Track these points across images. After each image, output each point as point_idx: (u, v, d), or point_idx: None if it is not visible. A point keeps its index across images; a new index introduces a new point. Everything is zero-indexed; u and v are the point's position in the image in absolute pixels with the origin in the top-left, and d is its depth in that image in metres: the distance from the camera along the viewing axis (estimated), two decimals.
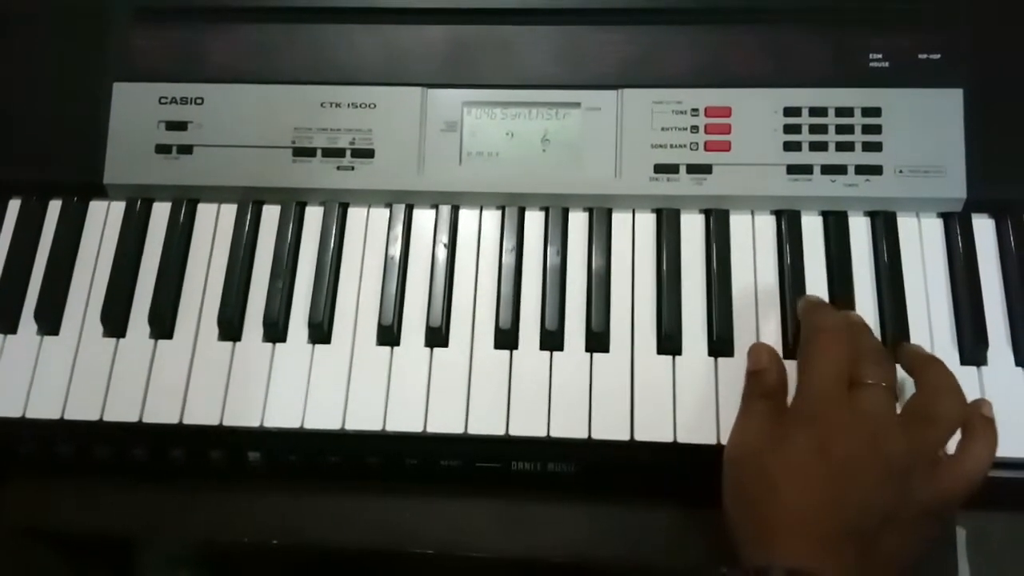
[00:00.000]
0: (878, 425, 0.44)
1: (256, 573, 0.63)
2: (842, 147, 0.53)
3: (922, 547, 0.44)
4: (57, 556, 0.61)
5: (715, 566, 0.50)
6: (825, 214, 0.54)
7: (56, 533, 0.55)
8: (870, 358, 0.46)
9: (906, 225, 0.54)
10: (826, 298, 0.52)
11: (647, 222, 0.55)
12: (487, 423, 0.50)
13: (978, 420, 0.46)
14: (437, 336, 0.52)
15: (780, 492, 0.43)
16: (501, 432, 0.50)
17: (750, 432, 0.46)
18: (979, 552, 0.50)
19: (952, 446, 0.46)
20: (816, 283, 0.53)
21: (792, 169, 0.53)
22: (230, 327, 0.53)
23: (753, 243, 0.54)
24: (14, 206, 0.57)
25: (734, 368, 0.50)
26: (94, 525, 0.53)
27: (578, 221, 0.55)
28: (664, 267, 0.53)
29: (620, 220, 0.55)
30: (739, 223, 0.54)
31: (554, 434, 0.50)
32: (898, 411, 0.45)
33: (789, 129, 0.54)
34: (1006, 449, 0.48)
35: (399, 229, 0.55)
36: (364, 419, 0.50)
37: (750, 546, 0.43)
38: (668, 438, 0.49)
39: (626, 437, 0.49)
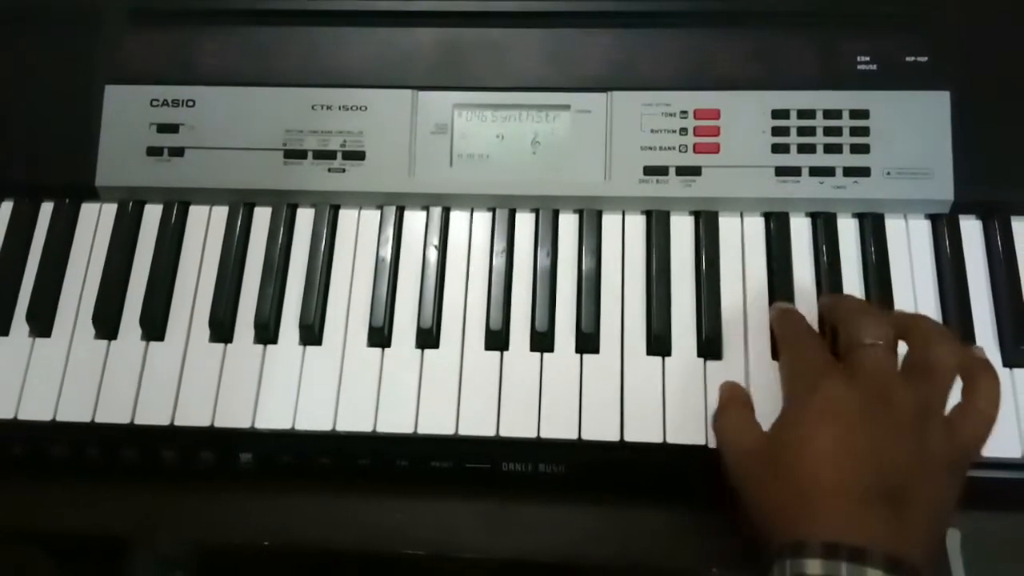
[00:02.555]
0: (882, 382, 0.44)
1: (247, 574, 0.63)
2: (830, 149, 0.54)
3: (952, 500, 0.43)
4: (48, 558, 0.62)
5: (706, 566, 0.50)
6: (814, 216, 0.55)
7: (47, 535, 0.55)
8: (861, 318, 0.46)
9: (894, 227, 0.54)
10: (815, 299, 0.53)
11: (637, 224, 0.55)
12: (477, 424, 0.50)
13: (976, 363, 0.45)
14: (428, 337, 0.52)
15: (801, 469, 0.42)
16: (491, 433, 0.50)
17: (748, 436, 0.46)
18: (973, 554, 0.50)
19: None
20: (804, 284, 0.53)
21: (781, 171, 0.54)
22: (221, 329, 0.53)
23: (742, 245, 0.54)
24: (6, 208, 0.58)
25: (723, 369, 0.51)
26: (85, 526, 0.53)
27: (568, 223, 0.55)
28: (654, 269, 0.53)
29: (610, 222, 0.55)
30: (728, 225, 0.55)
31: (544, 435, 0.50)
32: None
33: (777, 131, 0.54)
34: (997, 450, 0.48)
35: (390, 231, 0.55)
36: (355, 420, 0.51)
37: (781, 533, 0.41)
38: (658, 439, 0.49)
39: (616, 438, 0.50)
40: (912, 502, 0.41)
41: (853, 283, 0.53)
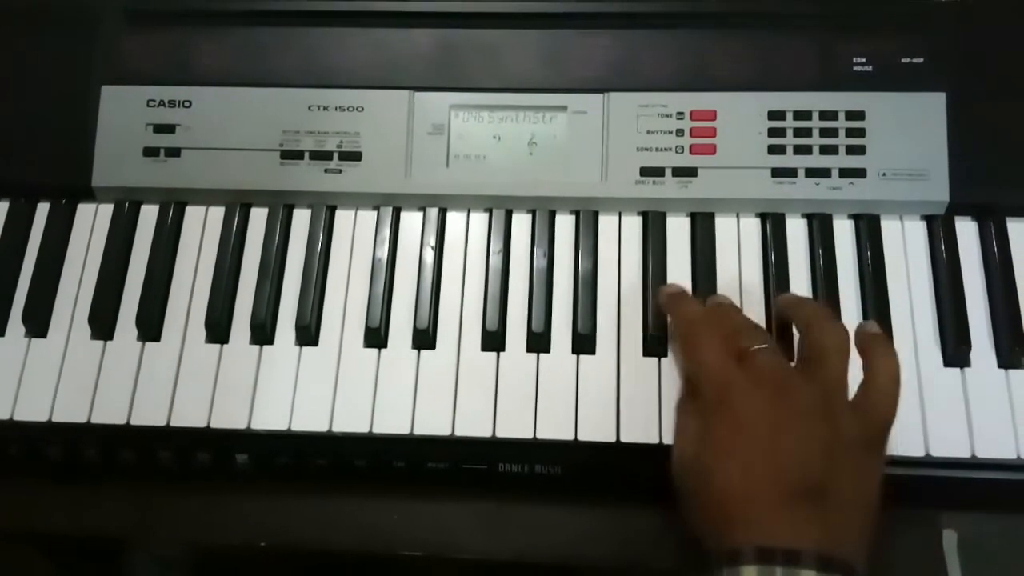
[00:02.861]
0: (778, 378, 0.44)
1: (244, 575, 0.63)
2: (826, 150, 0.54)
3: (876, 480, 0.43)
4: (45, 559, 0.61)
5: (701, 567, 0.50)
6: (809, 217, 0.55)
7: (44, 535, 0.55)
8: (745, 330, 0.47)
9: (890, 228, 0.54)
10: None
11: (633, 225, 0.55)
12: (474, 425, 0.50)
13: (867, 339, 0.46)
14: (424, 338, 0.52)
15: (720, 479, 0.42)
16: (488, 434, 0.50)
17: (691, 426, 0.47)
18: (970, 555, 0.50)
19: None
20: (800, 285, 0.53)
21: (777, 172, 0.54)
22: (218, 329, 0.53)
23: (738, 246, 0.54)
24: (2, 208, 0.58)
25: None
26: (82, 527, 0.53)
27: (565, 224, 0.55)
28: (650, 269, 0.54)
29: (606, 223, 0.55)
30: (724, 226, 0.55)
31: (540, 436, 0.50)
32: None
33: (774, 132, 0.54)
34: (992, 451, 0.49)
35: (386, 232, 0.55)
36: (351, 421, 0.51)
37: (715, 539, 0.42)
38: (654, 439, 0.50)
39: (612, 439, 0.50)
40: (834, 493, 0.41)
41: (849, 284, 0.53)
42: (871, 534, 0.42)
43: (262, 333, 0.53)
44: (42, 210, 0.57)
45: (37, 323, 0.54)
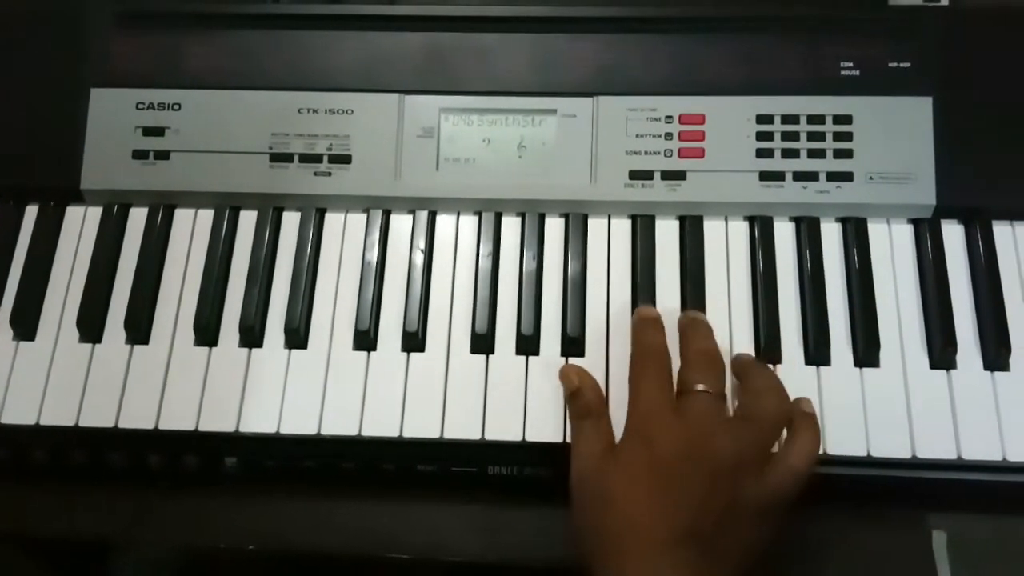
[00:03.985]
0: (703, 429, 0.45)
1: None
2: (814, 154, 0.54)
3: (760, 544, 0.45)
4: (33, 563, 0.61)
5: None
6: (797, 220, 0.55)
7: (32, 539, 0.55)
8: (699, 364, 0.48)
9: (877, 231, 0.55)
10: (799, 304, 0.53)
11: (622, 228, 0.55)
12: (463, 427, 0.50)
13: (799, 416, 0.47)
14: (414, 341, 0.52)
15: (617, 504, 0.44)
16: (477, 436, 0.50)
17: (583, 453, 0.47)
18: (958, 556, 0.50)
19: None
20: (788, 288, 0.53)
21: (765, 176, 0.54)
22: (206, 332, 0.53)
23: (726, 249, 0.55)
24: None
25: None
26: (70, 531, 0.53)
27: (554, 227, 0.55)
28: (639, 272, 0.54)
29: (595, 226, 0.55)
30: (713, 229, 0.55)
31: (530, 438, 0.50)
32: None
33: (762, 136, 0.55)
34: (978, 452, 0.49)
35: (376, 235, 0.55)
36: (340, 424, 0.51)
37: (598, 563, 0.44)
38: None
39: None
40: (720, 546, 0.43)
41: (836, 287, 0.53)
42: None
43: (251, 336, 0.53)
44: (31, 213, 0.57)
45: (25, 326, 0.54)
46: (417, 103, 0.56)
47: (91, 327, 0.53)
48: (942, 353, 0.51)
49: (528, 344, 0.52)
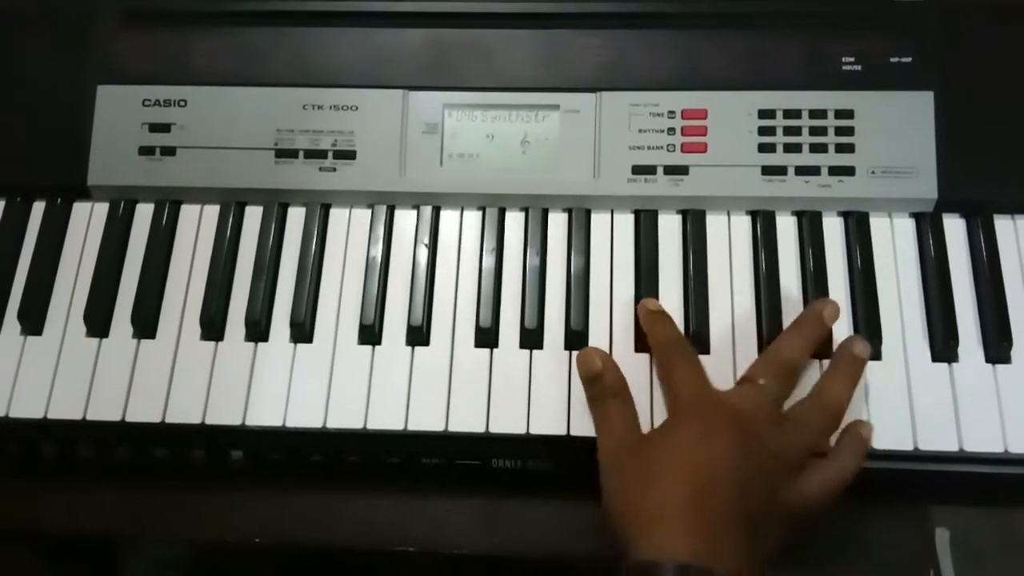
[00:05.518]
0: (756, 415, 0.46)
1: (239, 572, 0.63)
2: (816, 149, 0.54)
3: (782, 543, 0.45)
4: (40, 556, 0.62)
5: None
6: (799, 214, 0.55)
7: (38, 533, 0.55)
8: (774, 365, 0.49)
9: (879, 225, 0.55)
10: (801, 297, 0.53)
11: (625, 223, 0.56)
12: (467, 421, 0.51)
13: (855, 436, 0.48)
14: (418, 335, 0.53)
15: (663, 483, 0.44)
16: (481, 430, 0.50)
17: (617, 430, 0.48)
18: (961, 551, 0.50)
19: None
20: (790, 282, 0.54)
21: (767, 170, 0.54)
22: (212, 327, 0.53)
23: (729, 243, 0.55)
24: None
25: (710, 364, 0.51)
26: (76, 525, 0.53)
27: (557, 222, 0.56)
28: (642, 267, 0.54)
29: (599, 221, 0.56)
30: (715, 223, 0.55)
31: (534, 431, 0.50)
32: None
33: (764, 131, 0.55)
34: (980, 445, 0.49)
35: (381, 230, 0.55)
36: (345, 417, 0.51)
37: (636, 541, 0.43)
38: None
39: None
40: (762, 534, 0.43)
41: (838, 281, 0.53)
42: None
43: (257, 330, 0.53)
44: (38, 209, 0.58)
45: (33, 321, 0.54)
46: (421, 99, 0.56)
47: (98, 322, 0.54)
48: (944, 346, 0.51)
49: (532, 338, 0.52)
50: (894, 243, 0.54)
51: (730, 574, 0.40)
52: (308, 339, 0.53)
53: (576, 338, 0.52)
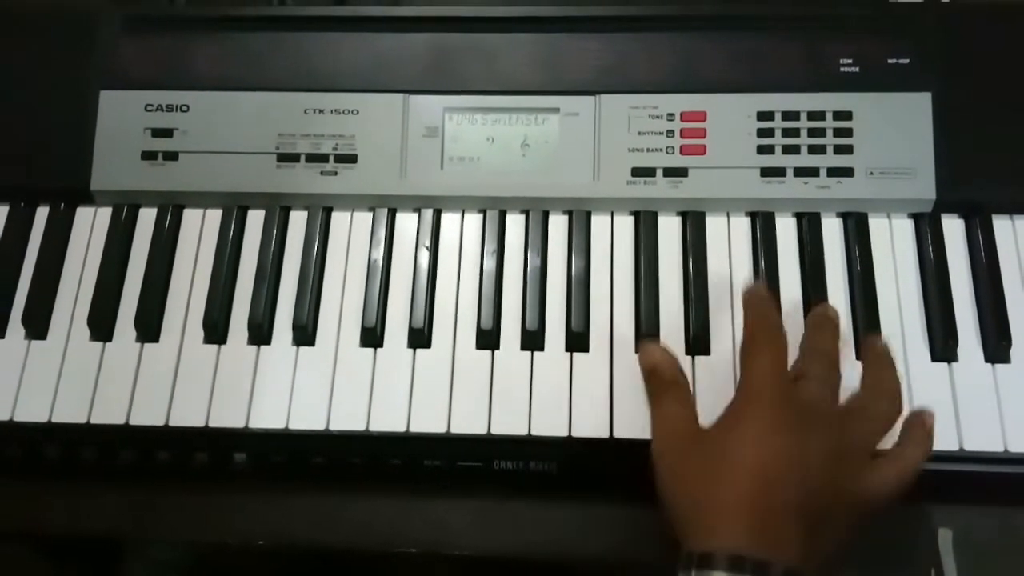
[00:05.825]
0: (818, 415, 0.45)
1: (240, 574, 0.63)
2: (814, 150, 0.55)
3: (846, 542, 0.45)
4: (43, 559, 0.62)
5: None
6: (799, 216, 0.56)
7: (42, 536, 0.55)
8: (819, 357, 0.48)
9: (877, 226, 0.55)
10: (801, 298, 0.53)
11: (625, 224, 0.56)
12: (469, 422, 0.51)
13: (919, 425, 0.47)
14: (420, 337, 0.53)
15: (725, 474, 0.43)
16: (483, 431, 0.51)
17: (676, 421, 0.47)
18: (964, 551, 0.50)
19: None
20: (790, 283, 0.54)
21: (766, 172, 0.55)
22: (215, 330, 0.54)
23: (728, 244, 0.55)
24: (2, 212, 0.58)
25: (711, 366, 0.51)
26: (78, 526, 0.53)
27: (558, 224, 0.56)
28: (642, 268, 0.54)
29: (599, 223, 0.56)
30: (715, 225, 0.55)
31: (535, 433, 0.50)
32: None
33: (763, 133, 0.55)
34: (979, 444, 0.49)
35: (382, 233, 0.56)
36: (348, 420, 0.51)
37: (692, 533, 0.43)
38: (647, 435, 0.50)
39: (606, 435, 0.50)
40: (823, 528, 0.43)
41: (838, 282, 0.54)
42: None
43: (259, 333, 0.53)
44: (41, 214, 0.58)
45: (37, 325, 0.54)
46: (421, 103, 0.57)
47: (102, 326, 0.54)
48: (943, 346, 0.51)
49: (533, 339, 0.53)
50: (893, 244, 0.55)
51: (786, 569, 0.40)
52: (310, 342, 0.53)
53: (577, 339, 0.52)
